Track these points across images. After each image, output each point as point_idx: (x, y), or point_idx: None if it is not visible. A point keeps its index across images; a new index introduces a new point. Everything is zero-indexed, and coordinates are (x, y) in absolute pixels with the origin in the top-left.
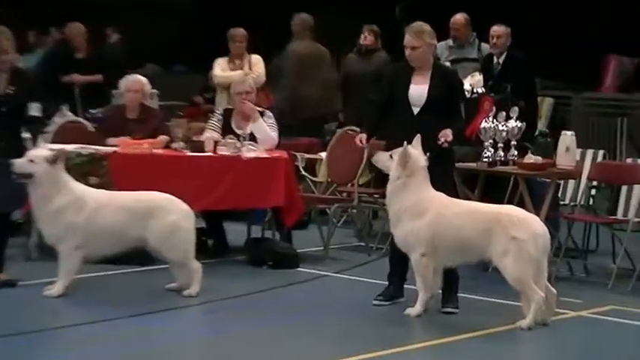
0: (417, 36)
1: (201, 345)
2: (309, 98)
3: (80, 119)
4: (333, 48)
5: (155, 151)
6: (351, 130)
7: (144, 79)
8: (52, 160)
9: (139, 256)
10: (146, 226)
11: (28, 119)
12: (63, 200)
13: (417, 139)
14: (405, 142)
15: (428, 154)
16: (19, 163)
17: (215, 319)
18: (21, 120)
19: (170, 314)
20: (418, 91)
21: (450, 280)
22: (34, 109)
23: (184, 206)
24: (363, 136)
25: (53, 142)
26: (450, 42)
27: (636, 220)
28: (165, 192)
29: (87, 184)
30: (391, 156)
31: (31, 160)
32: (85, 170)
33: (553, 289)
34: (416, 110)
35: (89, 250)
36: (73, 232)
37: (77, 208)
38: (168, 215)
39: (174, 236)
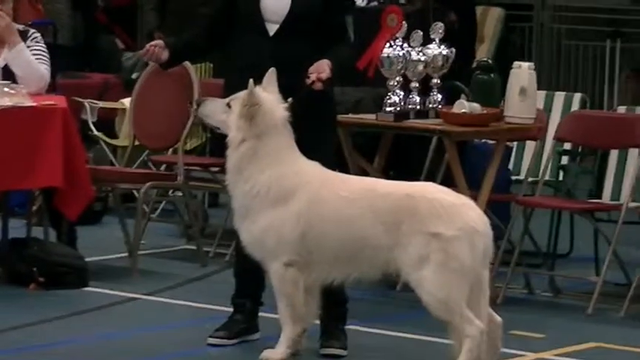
0: None
1: None
2: None
3: None
4: None
5: None
6: None
7: None
8: None
9: None
10: None
11: None
12: None
13: (272, 75)
14: (251, 81)
15: (291, 100)
16: None
17: None
18: None
19: None
20: None
21: (334, 305)
22: None
23: None
24: (160, 43)
25: None
26: None
27: (633, 205)
28: None
29: None
30: (229, 105)
31: None
32: None
33: (499, 318)
34: (272, 29)
35: None
36: None
37: None
38: None
39: None
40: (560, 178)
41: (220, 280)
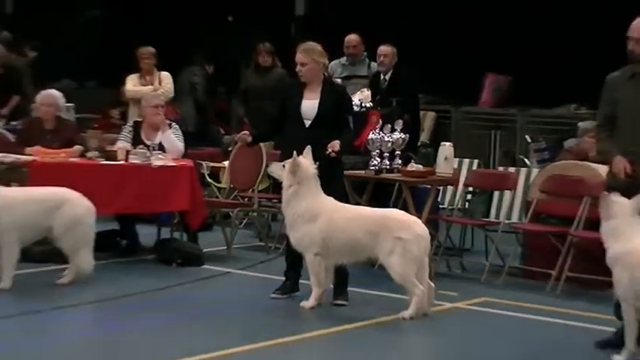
0: (307, 54)
1: (105, 339)
2: None
3: (1, 131)
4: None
5: (71, 159)
6: None
7: (57, 94)
8: None
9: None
10: (54, 216)
11: None
12: None
13: (308, 149)
14: (295, 153)
15: (317, 163)
16: None
17: (124, 314)
18: None
19: (82, 309)
20: (309, 105)
21: (341, 275)
22: None
23: (89, 203)
24: (247, 133)
25: None
26: (343, 60)
27: (506, 222)
28: None
29: None
30: (284, 166)
31: None
32: (6, 177)
33: (432, 284)
34: (307, 123)
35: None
36: (12, 227)
37: (10, 209)
38: (75, 209)
39: (76, 228)
40: (467, 206)
41: (278, 262)
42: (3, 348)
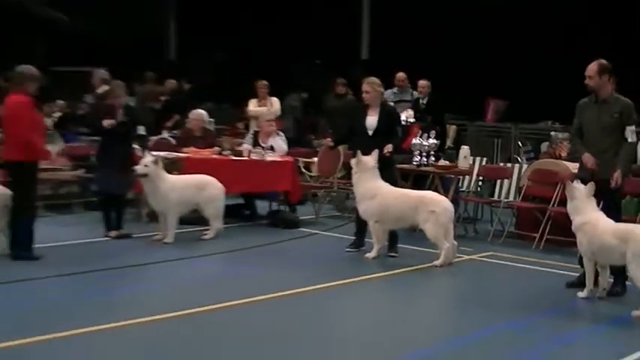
0: (369, 84)
1: (233, 278)
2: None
3: (167, 137)
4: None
5: (212, 156)
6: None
7: (204, 112)
8: (157, 163)
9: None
10: (200, 194)
11: (137, 137)
12: (166, 186)
13: (375, 152)
14: (359, 152)
15: (377, 159)
16: (139, 168)
17: (246, 261)
18: (133, 137)
19: (216, 257)
20: (371, 121)
21: (393, 236)
22: (141, 130)
23: (221, 185)
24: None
25: (152, 150)
26: (394, 90)
27: (505, 201)
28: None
29: None
30: (355, 161)
31: (146, 165)
32: (170, 168)
33: (455, 242)
34: (370, 133)
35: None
36: (176, 202)
37: (174, 190)
38: (214, 189)
39: (214, 202)
40: (478, 190)
41: (350, 226)
42: (159, 284)
